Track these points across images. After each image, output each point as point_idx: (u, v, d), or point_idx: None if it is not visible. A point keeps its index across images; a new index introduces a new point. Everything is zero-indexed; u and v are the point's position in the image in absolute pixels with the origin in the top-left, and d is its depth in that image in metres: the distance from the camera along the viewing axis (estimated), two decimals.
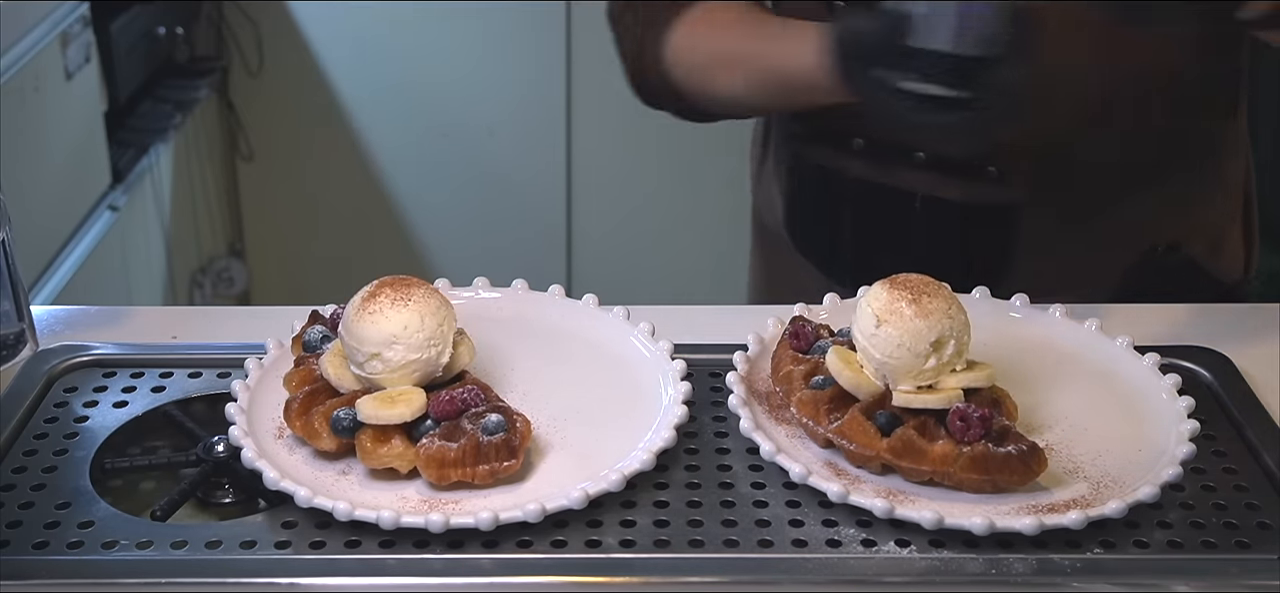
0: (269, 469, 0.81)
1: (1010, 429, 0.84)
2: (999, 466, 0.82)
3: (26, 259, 1.98)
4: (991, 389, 0.86)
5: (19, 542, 0.79)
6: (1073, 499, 0.82)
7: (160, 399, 0.95)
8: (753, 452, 0.86)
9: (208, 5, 2.91)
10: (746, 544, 0.79)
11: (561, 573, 0.77)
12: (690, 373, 0.91)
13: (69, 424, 0.91)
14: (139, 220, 2.59)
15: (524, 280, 1.02)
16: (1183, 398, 0.89)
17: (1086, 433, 0.89)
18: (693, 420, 0.90)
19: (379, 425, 0.83)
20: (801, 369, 0.89)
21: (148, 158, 2.59)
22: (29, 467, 0.87)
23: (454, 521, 0.78)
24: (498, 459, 0.82)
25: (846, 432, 0.84)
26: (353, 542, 0.79)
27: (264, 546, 0.79)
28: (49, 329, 1.04)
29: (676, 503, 0.83)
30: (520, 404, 0.88)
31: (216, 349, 0.99)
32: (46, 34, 2.21)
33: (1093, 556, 0.79)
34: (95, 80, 2.43)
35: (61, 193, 2.31)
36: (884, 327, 0.84)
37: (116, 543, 0.79)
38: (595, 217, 3.02)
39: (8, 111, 2.06)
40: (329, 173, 3.08)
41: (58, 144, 2.29)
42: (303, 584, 0.77)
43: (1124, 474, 0.85)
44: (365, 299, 0.86)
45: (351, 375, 0.86)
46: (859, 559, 0.78)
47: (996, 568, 0.78)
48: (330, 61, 2.99)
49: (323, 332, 0.91)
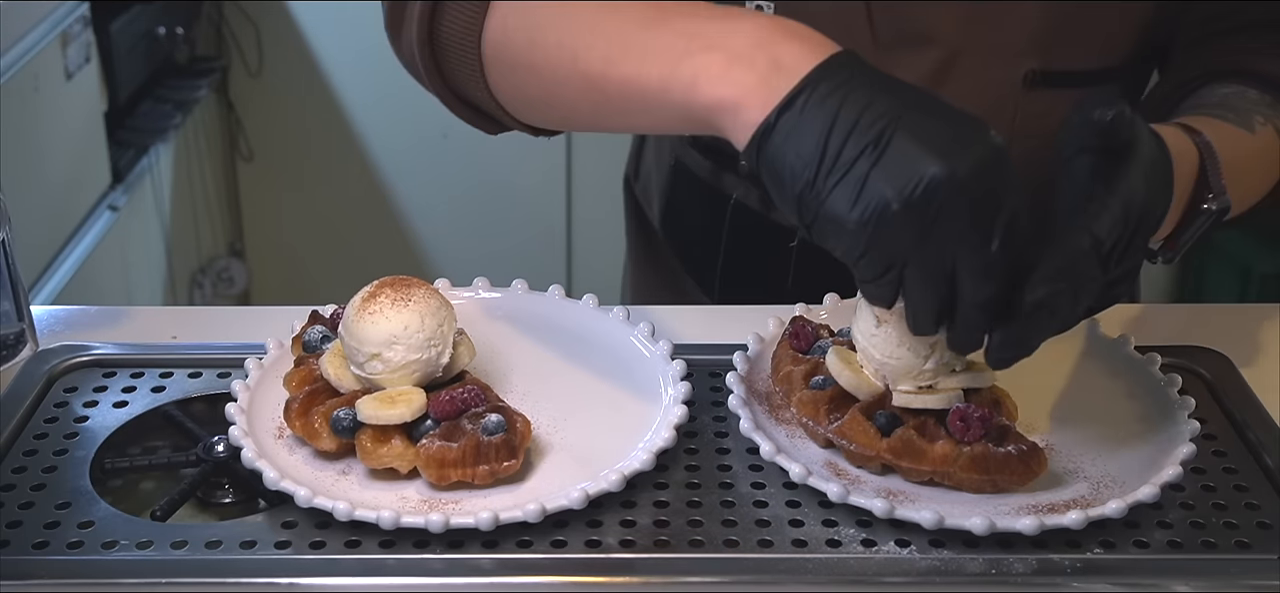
0: (269, 469, 0.81)
1: (1010, 429, 0.84)
2: (999, 466, 0.82)
3: (26, 259, 1.98)
4: (991, 389, 0.86)
5: (19, 542, 0.79)
6: (1073, 499, 0.82)
7: (160, 399, 0.95)
8: (753, 452, 0.86)
9: (208, 5, 2.91)
10: (746, 544, 0.79)
11: (561, 573, 0.77)
12: (690, 373, 0.91)
13: (69, 424, 0.91)
14: (139, 220, 2.59)
15: (524, 280, 1.02)
16: (1183, 398, 0.89)
17: (1086, 433, 0.89)
18: (693, 420, 0.90)
19: (379, 425, 0.83)
20: (801, 369, 0.89)
21: (148, 158, 2.59)
22: (29, 467, 0.87)
23: (454, 521, 0.78)
24: (498, 459, 0.82)
25: (846, 432, 0.84)
26: (353, 542, 0.79)
27: (264, 546, 0.79)
28: (49, 329, 1.03)
29: (676, 503, 0.83)
30: (520, 404, 0.88)
31: (216, 349, 0.99)
32: (46, 34, 2.21)
33: (1093, 556, 0.79)
34: (95, 80, 2.43)
35: (61, 193, 2.31)
36: (884, 327, 0.84)
37: (116, 543, 0.79)
38: (595, 217, 3.03)
39: (8, 111, 2.06)
40: (329, 173, 3.09)
41: (58, 144, 2.29)
42: (303, 584, 0.77)
43: (1124, 474, 0.85)
44: (365, 299, 0.86)
45: (351, 375, 0.86)
46: (859, 559, 0.78)
47: (996, 568, 0.77)
48: (330, 61, 2.99)
49: (323, 332, 0.91)
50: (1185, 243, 0.91)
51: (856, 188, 0.72)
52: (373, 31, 2.45)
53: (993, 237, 0.72)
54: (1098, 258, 0.76)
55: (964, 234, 0.72)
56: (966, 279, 0.73)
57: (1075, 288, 0.76)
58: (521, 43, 0.91)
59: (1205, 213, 0.89)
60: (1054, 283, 0.75)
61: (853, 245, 0.74)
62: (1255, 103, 0.99)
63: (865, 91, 0.74)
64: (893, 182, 0.72)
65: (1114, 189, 0.77)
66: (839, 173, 0.73)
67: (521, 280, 1.03)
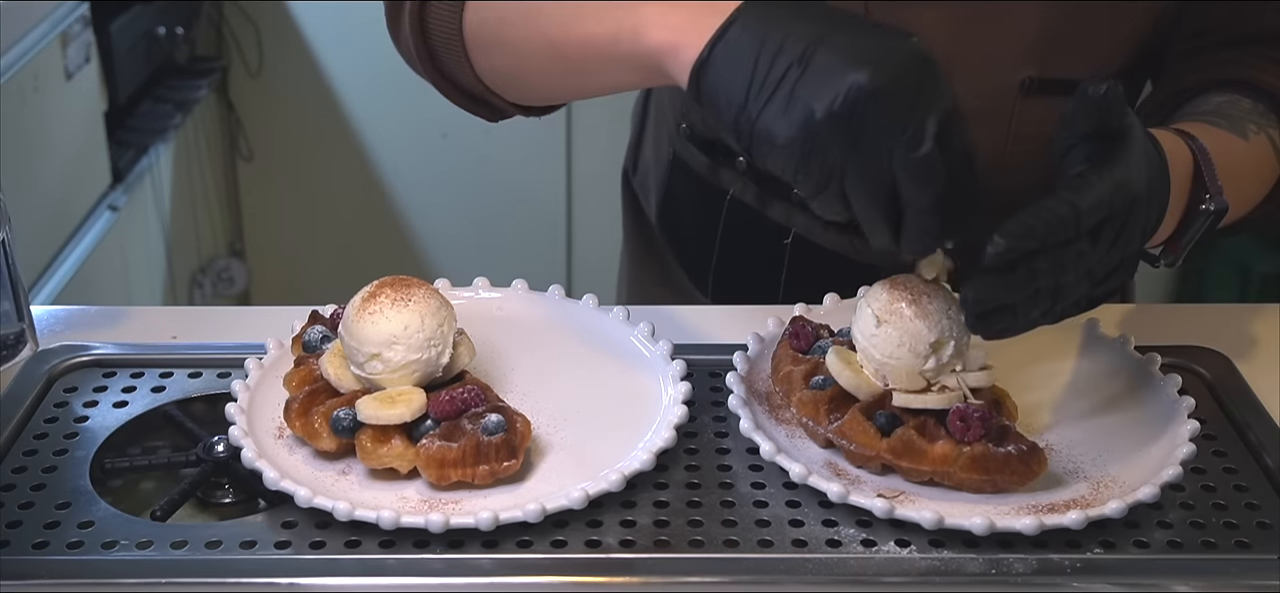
0: (269, 469, 0.81)
1: (1010, 429, 0.84)
2: (999, 466, 0.82)
3: (26, 259, 1.98)
4: (991, 389, 0.86)
5: (19, 542, 0.79)
6: (1073, 499, 0.82)
7: (160, 399, 0.95)
8: (753, 452, 0.86)
9: (208, 5, 2.91)
10: (746, 544, 0.79)
11: (561, 573, 0.77)
12: (690, 373, 0.91)
13: (69, 424, 0.91)
14: (139, 220, 2.59)
15: (524, 280, 1.02)
16: (1183, 398, 0.89)
17: (1086, 433, 0.89)
18: (693, 420, 0.90)
19: (379, 425, 0.83)
20: (801, 369, 0.89)
21: (148, 158, 2.59)
22: (29, 467, 0.87)
23: (454, 521, 0.78)
24: (498, 459, 0.82)
25: (846, 432, 0.84)
26: (353, 542, 0.79)
27: (264, 546, 0.79)
28: (49, 329, 1.03)
29: (676, 503, 0.83)
30: (520, 404, 0.88)
31: (216, 349, 0.99)
32: (46, 34, 2.21)
33: (1093, 556, 0.79)
34: (95, 80, 2.43)
35: (61, 193, 2.31)
36: (884, 327, 0.84)
37: (116, 543, 0.79)
38: (595, 216, 3.03)
39: (8, 111, 2.06)
40: (329, 173, 3.08)
41: (58, 144, 2.29)
42: (303, 584, 0.77)
43: (1124, 474, 0.85)
44: (365, 299, 0.86)
45: (351, 375, 0.86)
46: (859, 559, 0.78)
47: (996, 568, 0.78)
48: (330, 61, 2.99)
49: (323, 332, 0.91)
50: (1186, 245, 0.91)
51: (784, 104, 0.76)
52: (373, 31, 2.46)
53: (924, 137, 0.74)
54: (1076, 225, 0.77)
55: (894, 137, 0.74)
56: (906, 183, 0.75)
57: (1053, 252, 0.77)
58: (492, 20, 0.96)
59: (1203, 214, 0.90)
60: (1020, 237, 0.76)
61: (787, 161, 0.77)
62: (1248, 112, 1.00)
63: (791, 17, 0.78)
64: (817, 93, 0.74)
65: (1103, 169, 0.78)
66: (767, 92, 0.76)
67: (521, 280, 1.03)
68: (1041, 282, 0.78)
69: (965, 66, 1.03)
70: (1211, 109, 1.00)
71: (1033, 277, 0.77)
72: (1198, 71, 1.05)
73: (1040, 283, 0.78)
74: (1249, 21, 1.05)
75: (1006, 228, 0.76)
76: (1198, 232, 0.91)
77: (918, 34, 0.76)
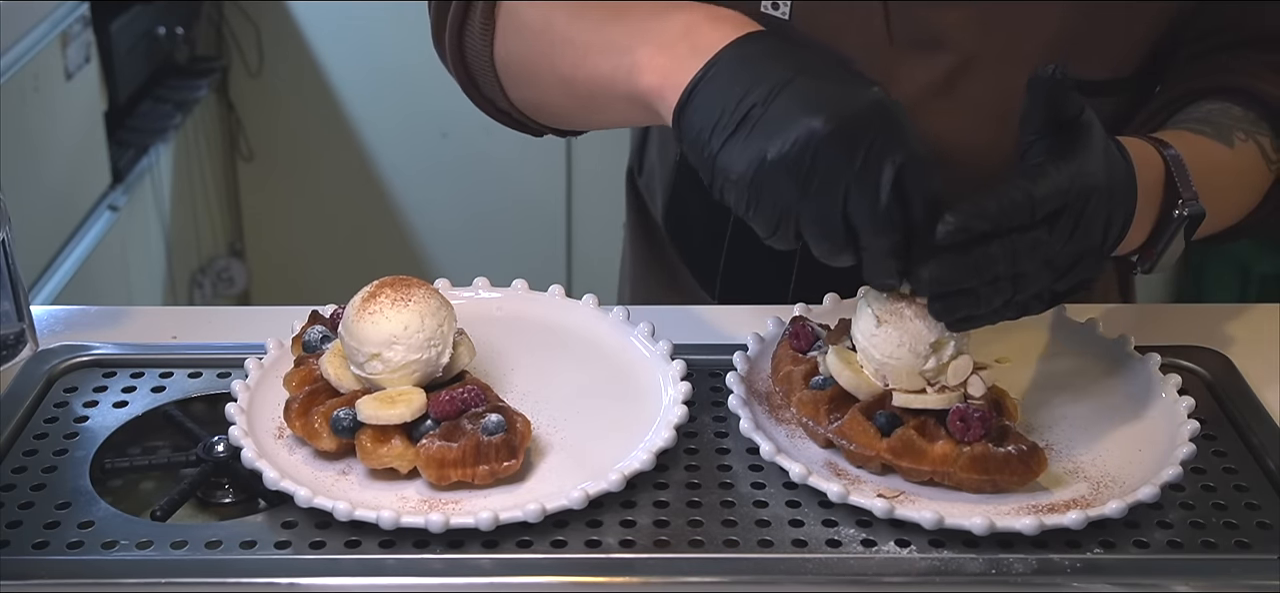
0: (269, 469, 0.81)
1: (1010, 429, 0.84)
2: (999, 466, 0.82)
3: (26, 259, 1.98)
4: (992, 389, 0.86)
5: (19, 542, 0.79)
6: (1073, 499, 0.82)
7: (160, 399, 0.95)
8: (753, 452, 0.86)
9: (208, 5, 2.91)
10: (746, 544, 0.79)
11: (561, 573, 0.77)
12: (690, 373, 0.91)
13: (69, 424, 0.91)
14: (139, 220, 2.59)
15: (524, 280, 1.02)
16: (1183, 398, 0.89)
17: (1086, 433, 0.89)
18: (693, 420, 0.90)
19: (379, 426, 0.83)
20: (801, 369, 0.89)
21: (148, 158, 2.59)
22: (29, 467, 0.87)
23: (454, 521, 0.78)
24: (498, 459, 0.82)
25: (846, 432, 0.84)
26: (353, 542, 0.79)
27: (264, 546, 0.79)
28: (49, 329, 1.03)
29: (676, 503, 0.83)
30: (520, 404, 0.88)
31: (216, 349, 0.99)
32: (46, 34, 2.21)
33: (1093, 556, 0.79)
34: (95, 80, 2.43)
35: (61, 193, 2.31)
36: (884, 327, 0.84)
37: (116, 543, 0.79)
38: (595, 216, 3.03)
39: (8, 111, 2.06)
40: (329, 173, 3.09)
41: (58, 144, 2.29)
42: (303, 584, 0.77)
43: (1124, 474, 0.85)
44: (365, 299, 0.86)
45: (351, 375, 0.86)
46: (859, 559, 0.78)
47: (996, 568, 0.78)
48: (330, 61, 2.99)
49: (323, 332, 0.91)
50: (1161, 250, 0.92)
51: (742, 144, 0.78)
52: (373, 31, 2.45)
53: (881, 186, 0.75)
54: (1030, 211, 0.77)
55: (847, 185, 0.76)
56: (861, 229, 0.77)
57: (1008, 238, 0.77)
58: (518, 56, 1.01)
59: (1177, 219, 0.90)
60: (972, 216, 0.76)
61: (739, 199, 0.80)
62: (1239, 119, 1.00)
63: (769, 59, 0.80)
64: (771, 138, 0.77)
65: (1060, 160, 0.79)
66: (727, 130, 0.79)
67: (521, 280, 1.03)
68: (999, 268, 0.78)
69: (984, 67, 1.03)
70: (1199, 117, 1.00)
71: (989, 261, 0.78)
72: (1186, 80, 1.05)
73: (998, 269, 0.78)
74: (1250, 23, 1.05)
75: (959, 208, 0.77)
76: (1172, 237, 0.91)
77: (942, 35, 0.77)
